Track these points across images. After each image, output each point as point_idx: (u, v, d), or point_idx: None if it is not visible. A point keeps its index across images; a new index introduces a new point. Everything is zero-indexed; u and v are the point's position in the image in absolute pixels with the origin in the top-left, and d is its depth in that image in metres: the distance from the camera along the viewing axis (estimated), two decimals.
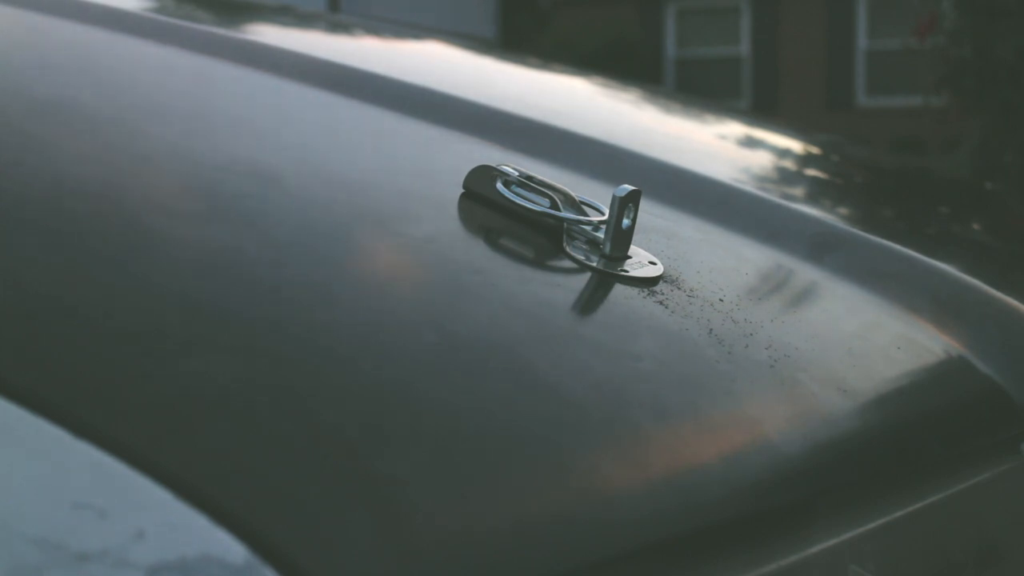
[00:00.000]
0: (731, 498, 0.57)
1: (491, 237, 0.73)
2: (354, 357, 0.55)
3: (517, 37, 14.54)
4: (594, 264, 0.71)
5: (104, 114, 0.80)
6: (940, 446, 0.72)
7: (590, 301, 0.69)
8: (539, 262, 0.71)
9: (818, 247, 0.87)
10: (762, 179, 1.23)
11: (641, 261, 0.73)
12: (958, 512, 0.71)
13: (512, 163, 0.77)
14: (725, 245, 0.86)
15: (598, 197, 0.77)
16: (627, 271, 0.71)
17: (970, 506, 0.73)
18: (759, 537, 0.56)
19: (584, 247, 0.72)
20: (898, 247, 0.90)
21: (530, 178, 0.75)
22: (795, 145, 1.57)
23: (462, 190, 0.76)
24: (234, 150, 0.79)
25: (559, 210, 0.73)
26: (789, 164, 1.43)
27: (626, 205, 0.71)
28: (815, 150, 1.56)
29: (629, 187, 0.71)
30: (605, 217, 0.73)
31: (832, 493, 0.63)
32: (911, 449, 0.71)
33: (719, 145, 1.41)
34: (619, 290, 0.69)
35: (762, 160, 1.39)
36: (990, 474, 0.75)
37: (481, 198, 0.76)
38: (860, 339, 0.78)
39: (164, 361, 0.50)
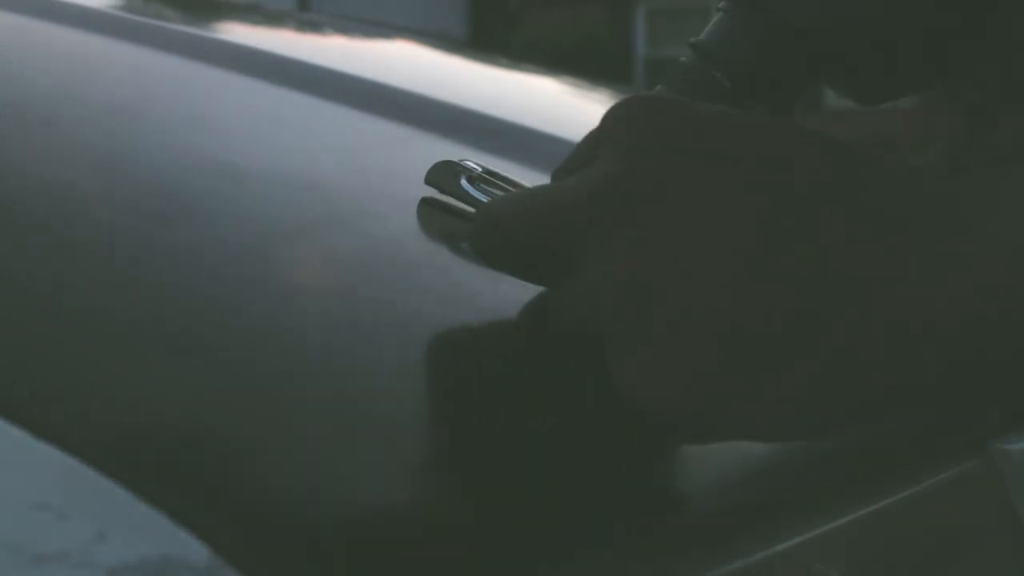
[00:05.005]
0: (695, 496, 0.57)
1: (454, 234, 0.73)
2: (317, 359, 0.54)
3: (487, 37, 14.55)
4: None
5: (59, 112, 0.80)
6: (906, 444, 0.73)
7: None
8: None
9: None
10: None
11: None
12: (924, 510, 0.71)
13: (477, 159, 0.77)
14: None
15: None
16: None
17: (936, 504, 0.73)
18: (723, 536, 0.56)
19: None
20: None
21: (493, 173, 0.74)
22: None
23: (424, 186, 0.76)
24: (194, 148, 0.79)
25: None
26: None
27: None
28: None
29: None
30: None
31: (797, 492, 0.63)
32: (876, 447, 0.71)
33: None
34: None
35: None
36: (957, 472, 0.75)
37: (442, 193, 0.75)
38: None
39: (125, 360, 0.50)
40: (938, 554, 0.73)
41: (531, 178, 0.78)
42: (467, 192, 0.74)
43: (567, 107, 1.51)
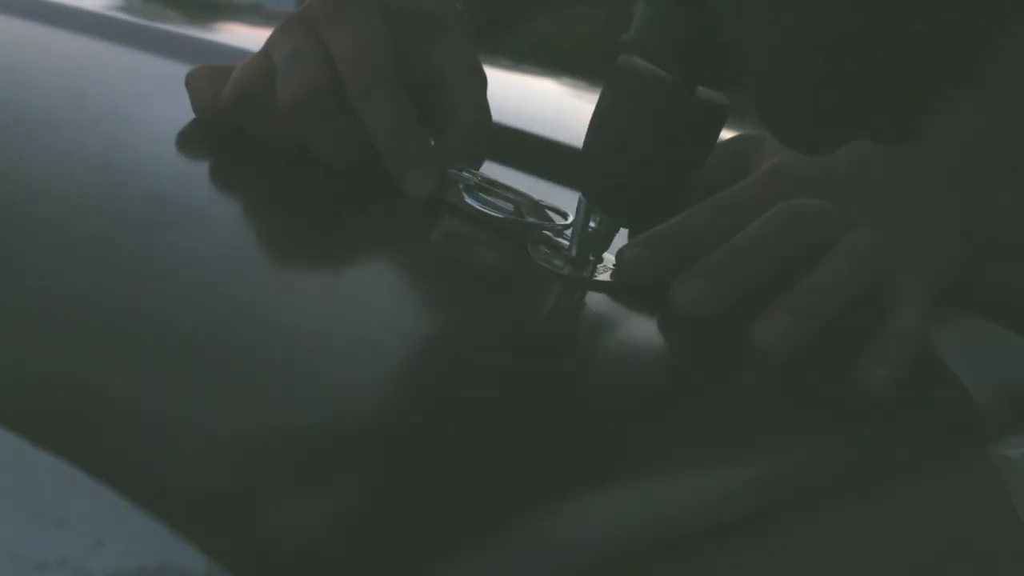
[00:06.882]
0: (703, 507, 0.56)
1: (451, 243, 0.73)
2: (312, 366, 0.54)
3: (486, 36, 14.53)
4: (560, 269, 0.70)
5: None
6: (904, 448, 0.73)
7: (556, 306, 0.68)
8: (502, 268, 0.71)
9: None
10: None
11: (608, 265, 0.72)
12: (922, 515, 0.71)
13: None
14: None
15: (564, 201, 0.77)
16: (594, 275, 0.71)
17: (934, 509, 0.73)
18: (726, 542, 0.56)
19: (547, 252, 0.71)
20: None
21: (491, 182, 0.74)
22: None
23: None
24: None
25: (522, 215, 0.72)
26: None
27: (592, 208, 0.70)
28: None
29: None
30: (570, 221, 0.72)
31: (795, 493, 0.63)
32: (876, 447, 0.71)
33: None
34: (585, 295, 0.69)
35: None
36: (955, 477, 0.75)
37: (440, 203, 0.75)
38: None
39: (119, 368, 0.50)
40: (937, 557, 0.73)
41: (526, 184, 0.78)
42: (464, 202, 0.73)
43: (562, 109, 1.50)
